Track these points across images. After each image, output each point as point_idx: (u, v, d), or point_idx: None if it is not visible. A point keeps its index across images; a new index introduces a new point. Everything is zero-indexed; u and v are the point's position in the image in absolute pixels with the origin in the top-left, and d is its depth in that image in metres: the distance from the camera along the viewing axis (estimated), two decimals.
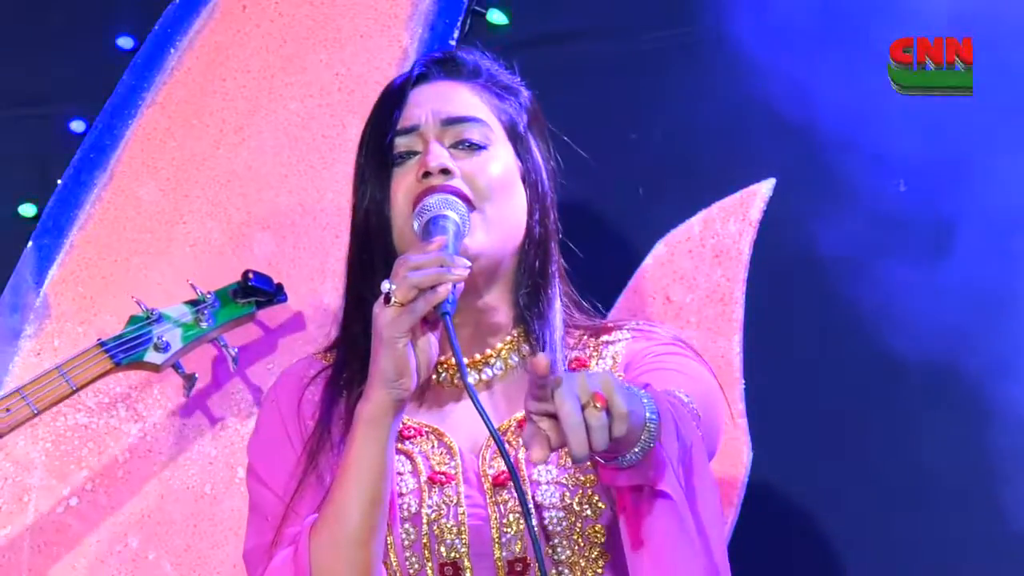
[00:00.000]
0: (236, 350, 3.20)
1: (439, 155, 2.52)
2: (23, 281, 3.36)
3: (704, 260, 3.23)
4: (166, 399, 3.30)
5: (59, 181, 3.38)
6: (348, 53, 3.38)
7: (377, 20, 3.39)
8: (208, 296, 3.16)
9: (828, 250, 3.20)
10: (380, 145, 2.57)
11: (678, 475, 2.28)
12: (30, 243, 3.37)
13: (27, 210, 3.38)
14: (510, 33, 3.32)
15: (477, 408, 2.27)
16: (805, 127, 3.19)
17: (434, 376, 2.58)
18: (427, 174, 2.51)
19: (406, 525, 2.47)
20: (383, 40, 3.38)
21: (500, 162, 2.56)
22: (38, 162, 3.40)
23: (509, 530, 2.46)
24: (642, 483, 2.29)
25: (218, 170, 3.37)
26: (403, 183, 2.54)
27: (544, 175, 2.62)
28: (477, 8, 3.36)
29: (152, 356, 3.11)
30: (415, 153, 2.55)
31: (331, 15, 3.39)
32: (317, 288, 3.32)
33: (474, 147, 2.55)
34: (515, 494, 2.43)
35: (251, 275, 3.17)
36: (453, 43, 3.35)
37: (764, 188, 3.25)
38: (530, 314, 2.58)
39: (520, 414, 2.52)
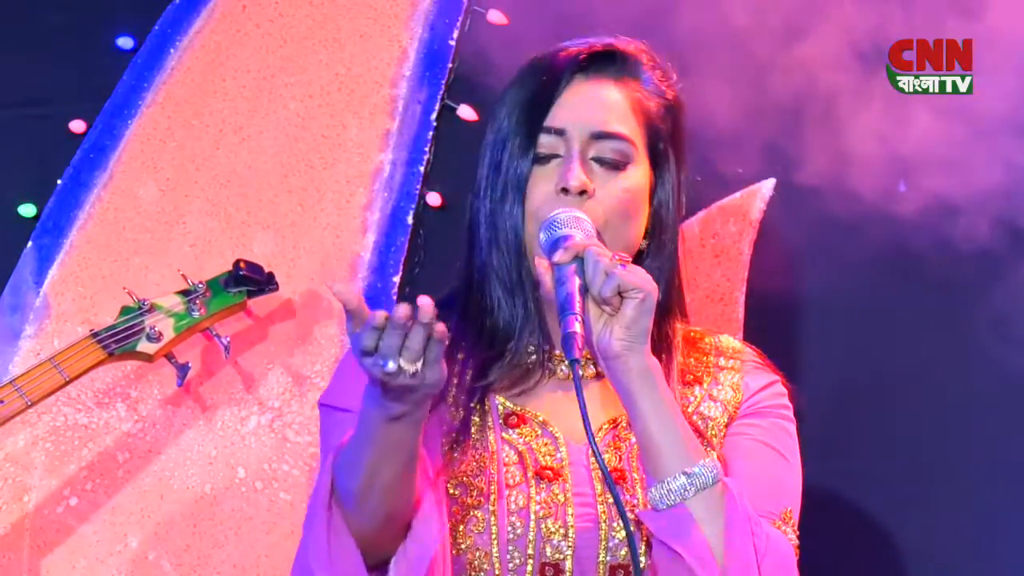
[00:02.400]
0: (228, 339, 3.20)
1: (579, 175, 2.50)
2: (23, 281, 3.36)
3: (704, 260, 3.23)
4: (166, 399, 3.30)
5: (59, 181, 3.38)
6: (348, 53, 3.38)
7: (377, 20, 3.39)
8: (200, 286, 3.16)
9: (828, 251, 3.21)
10: (526, 141, 2.54)
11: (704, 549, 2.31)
12: (30, 243, 3.37)
13: (27, 210, 3.38)
14: (510, 33, 3.32)
15: (583, 413, 2.28)
16: (805, 127, 3.20)
17: (547, 362, 2.56)
18: (565, 190, 2.50)
19: (513, 518, 2.45)
20: (383, 40, 3.38)
21: (633, 183, 2.54)
22: (38, 162, 3.40)
23: (616, 535, 2.44)
24: (662, 537, 2.33)
25: (218, 170, 3.37)
26: (541, 189, 2.52)
27: (672, 190, 2.59)
28: (477, 8, 3.36)
29: (144, 346, 3.12)
30: (556, 156, 2.53)
31: (331, 15, 3.39)
32: (317, 288, 3.32)
33: (614, 165, 2.53)
34: (626, 496, 2.43)
35: (242, 264, 3.18)
36: (452, 43, 3.35)
37: (764, 188, 3.25)
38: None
39: None
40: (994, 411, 3.16)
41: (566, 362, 2.46)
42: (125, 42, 3.41)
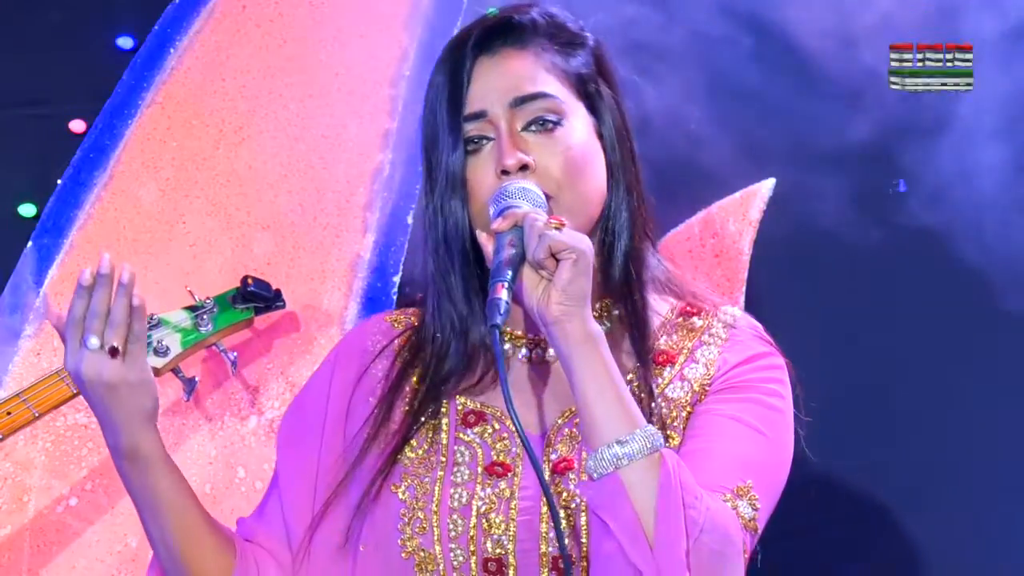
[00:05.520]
0: (235, 354, 3.20)
1: (514, 153, 2.45)
2: (23, 281, 3.36)
3: (704, 260, 3.23)
4: (165, 400, 3.30)
5: (59, 181, 3.38)
6: (348, 53, 3.39)
7: (377, 20, 3.39)
8: (207, 302, 3.17)
9: (828, 250, 3.21)
10: (452, 135, 2.49)
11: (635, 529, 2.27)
12: (30, 243, 3.37)
13: (27, 210, 3.38)
14: None
15: (502, 384, 2.29)
16: (806, 127, 3.20)
17: (508, 351, 2.53)
18: (505, 172, 2.45)
19: (454, 516, 2.43)
20: (383, 40, 3.39)
21: (575, 134, 2.49)
22: (38, 162, 3.40)
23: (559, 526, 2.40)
24: (593, 508, 2.30)
25: (218, 170, 3.37)
26: (481, 178, 2.48)
27: (620, 123, 2.55)
28: (477, 8, 3.36)
29: (152, 360, 3.12)
30: (487, 138, 2.48)
31: (331, 15, 3.40)
32: (316, 288, 3.33)
33: (547, 124, 2.47)
34: (571, 486, 2.40)
35: (250, 281, 3.19)
36: None
37: (764, 188, 3.25)
38: (619, 293, 2.50)
39: None
40: (997, 409, 3.16)
41: (522, 348, 2.50)
42: (125, 42, 3.41)
